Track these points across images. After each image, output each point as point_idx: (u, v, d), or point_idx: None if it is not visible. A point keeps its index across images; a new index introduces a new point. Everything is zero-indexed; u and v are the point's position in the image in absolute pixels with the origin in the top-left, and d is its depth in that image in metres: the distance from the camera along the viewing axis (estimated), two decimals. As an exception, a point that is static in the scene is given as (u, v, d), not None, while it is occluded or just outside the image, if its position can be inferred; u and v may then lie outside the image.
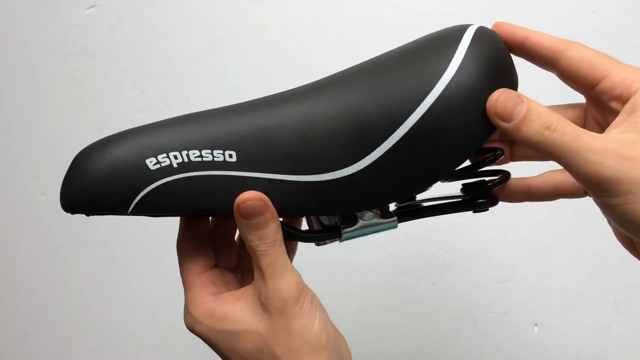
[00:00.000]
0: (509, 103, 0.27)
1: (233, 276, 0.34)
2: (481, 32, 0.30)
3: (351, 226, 0.32)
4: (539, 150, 0.26)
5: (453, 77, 0.28)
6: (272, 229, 0.29)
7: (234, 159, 0.29)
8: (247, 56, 0.60)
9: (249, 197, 0.28)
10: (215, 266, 0.34)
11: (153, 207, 0.29)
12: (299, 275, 0.30)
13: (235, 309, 0.30)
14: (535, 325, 0.58)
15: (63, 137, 0.63)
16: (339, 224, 0.32)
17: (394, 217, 0.32)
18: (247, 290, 0.31)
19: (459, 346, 0.59)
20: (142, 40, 0.62)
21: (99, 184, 0.28)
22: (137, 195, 0.28)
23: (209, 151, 0.29)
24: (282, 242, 0.30)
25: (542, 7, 0.58)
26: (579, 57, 0.29)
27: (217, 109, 0.32)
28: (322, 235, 0.32)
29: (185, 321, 0.32)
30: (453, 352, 0.59)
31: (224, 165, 0.29)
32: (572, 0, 0.57)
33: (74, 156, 0.31)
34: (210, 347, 0.31)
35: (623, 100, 0.27)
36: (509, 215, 0.57)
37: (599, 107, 0.29)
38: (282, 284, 0.29)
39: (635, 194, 0.24)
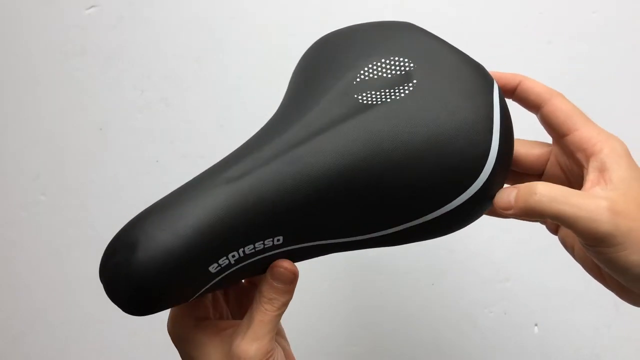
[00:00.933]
0: (505, 194, 0.31)
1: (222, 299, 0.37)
2: (499, 91, 0.32)
3: None
4: (541, 217, 0.30)
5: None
6: (288, 299, 0.32)
7: (281, 241, 0.30)
8: (247, 56, 0.60)
9: (287, 266, 0.32)
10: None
11: (209, 291, 0.31)
12: (275, 349, 0.32)
13: (210, 344, 0.32)
14: (535, 325, 0.58)
15: (63, 137, 0.63)
16: None
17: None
18: (227, 329, 0.33)
19: (459, 346, 0.59)
20: (142, 40, 0.62)
21: (161, 296, 0.29)
22: (197, 293, 0.30)
23: (261, 242, 0.29)
24: (281, 316, 0.32)
25: (542, 7, 0.58)
26: (559, 108, 0.32)
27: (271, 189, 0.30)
28: None
29: (168, 327, 0.35)
30: (453, 352, 0.59)
31: (272, 247, 0.30)
32: (572, 0, 0.57)
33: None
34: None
35: (587, 155, 0.31)
36: (509, 215, 0.57)
37: (565, 153, 0.34)
38: (254, 346, 0.31)
39: (624, 244, 0.28)
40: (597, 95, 0.57)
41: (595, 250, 0.29)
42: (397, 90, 0.30)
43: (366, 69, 0.31)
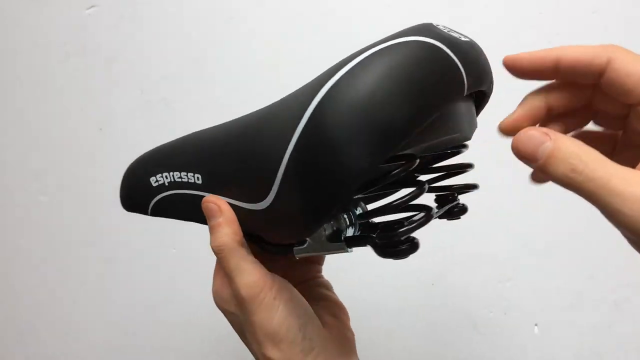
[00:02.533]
0: (532, 142, 0.25)
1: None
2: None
3: (300, 245, 0.33)
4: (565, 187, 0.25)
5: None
6: (227, 233, 0.32)
7: (200, 181, 0.34)
8: (247, 56, 0.60)
9: (208, 199, 0.33)
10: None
11: (162, 213, 0.37)
12: (260, 273, 0.32)
13: (228, 293, 0.33)
14: (535, 325, 0.58)
15: (63, 137, 0.63)
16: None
17: (341, 242, 0.32)
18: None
19: (459, 346, 0.59)
20: (142, 40, 0.62)
21: (129, 194, 0.38)
22: (149, 204, 0.37)
23: (185, 173, 0.35)
24: (242, 246, 0.32)
25: (542, 7, 0.58)
26: (622, 73, 0.26)
27: (201, 132, 0.36)
28: (276, 249, 0.34)
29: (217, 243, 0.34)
30: (453, 352, 0.59)
31: (195, 185, 0.34)
32: (572, 0, 0.57)
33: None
34: None
35: None
36: (510, 215, 0.57)
37: None
38: (240, 284, 0.31)
39: None
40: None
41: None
42: None
43: None
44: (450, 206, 0.35)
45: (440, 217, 0.35)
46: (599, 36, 0.57)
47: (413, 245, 0.31)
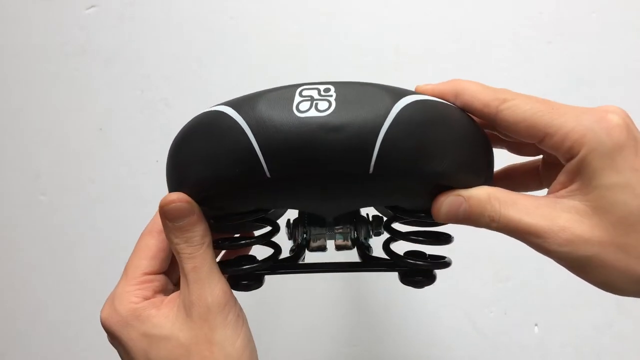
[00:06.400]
0: (452, 207, 0.27)
1: (174, 288, 0.33)
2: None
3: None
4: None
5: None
6: (199, 231, 0.28)
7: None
8: (247, 56, 0.60)
9: (174, 198, 0.28)
10: (165, 273, 0.32)
11: None
12: (227, 284, 0.29)
13: (159, 313, 0.28)
14: (535, 325, 0.58)
15: (63, 137, 0.63)
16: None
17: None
18: (174, 297, 0.30)
19: (459, 346, 0.59)
20: (142, 40, 0.62)
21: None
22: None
23: None
24: (210, 247, 0.29)
25: (542, 7, 0.58)
26: (512, 114, 0.26)
27: None
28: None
29: (102, 314, 0.30)
30: (453, 352, 0.59)
31: None
32: (572, 0, 0.57)
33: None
34: (120, 351, 0.30)
35: (565, 159, 0.25)
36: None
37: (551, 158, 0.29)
38: (206, 290, 0.27)
39: (584, 268, 0.25)
40: (597, 95, 0.57)
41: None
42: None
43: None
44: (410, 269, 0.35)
45: (403, 279, 0.36)
46: (599, 36, 0.57)
47: (431, 278, 0.36)
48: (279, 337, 0.59)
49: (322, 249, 0.35)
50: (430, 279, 0.34)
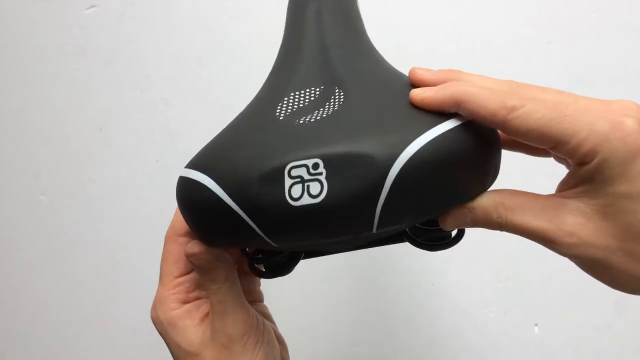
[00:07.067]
0: (458, 220, 0.27)
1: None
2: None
3: None
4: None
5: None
6: (222, 273, 0.30)
7: None
8: (247, 56, 0.60)
9: (196, 252, 0.30)
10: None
11: None
12: (250, 313, 0.31)
13: (192, 329, 0.31)
14: (535, 325, 0.58)
15: (63, 137, 0.63)
16: None
17: None
18: (207, 310, 0.32)
19: (459, 346, 0.59)
20: (142, 40, 0.62)
21: None
22: None
23: None
24: (235, 281, 0.31)
25: (541, 7, 0.58)
26: (521, 124, 0.25)
27: None
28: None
29: (151, 316, 0.33)
30: (453, 352, 0.59)
31: None
32: (572, 0, 0.57)
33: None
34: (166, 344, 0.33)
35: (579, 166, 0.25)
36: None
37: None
38: (229, 322, 0.30)
39: (592, 269, 0.26)
40: (597, 96, 0.57)
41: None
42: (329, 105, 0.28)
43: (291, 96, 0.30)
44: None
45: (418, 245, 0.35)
46: (599, 36, 0.57)
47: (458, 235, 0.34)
48: (279, 337, 0.59)
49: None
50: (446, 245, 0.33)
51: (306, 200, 0.24)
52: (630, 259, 0.24)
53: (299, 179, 0.24)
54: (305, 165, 0.24)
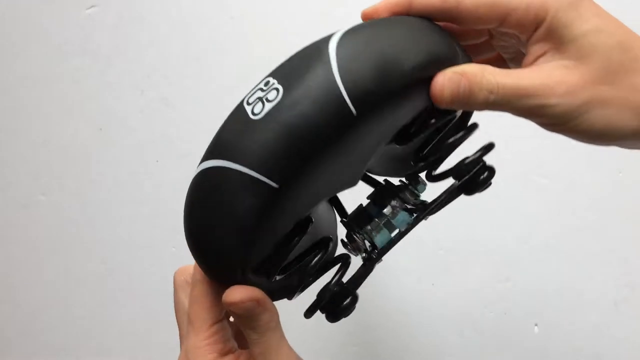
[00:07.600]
0: (452, 84, 0.26)
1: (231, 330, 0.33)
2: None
3: None
4: (494, 110, 0.27)
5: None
6: (265, 319, 0.28)
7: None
8: (247, 56, 0.60)
9: (241, 299, 0.27)
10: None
11: None
12: (293, 356, 0.30)
13: None
14: (535, 325, 0.58)
15: (63, 137, 0.63)
16: None
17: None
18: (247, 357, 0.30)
19: (459, 346, 0.59)
20: (142, 40, 0.62)
21: None
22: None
23: None
24: (277, 326, 0.29)
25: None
26: (474, 2, 0.26)
27: None
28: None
29: None
30: (453, 352, 0.59)
31: None
32: (572, 0, 0.57)
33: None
34: None
35: (529, 34, 0.26)
36: (509, 214, 0.57)
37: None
38: None
39: (583, 115, 0.25)
40: None
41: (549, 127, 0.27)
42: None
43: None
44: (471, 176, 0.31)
45: (465, 192, 0.32)
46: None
47: (490, 171, 0.31)
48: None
49: (392, 242, 0.34)
50: (492, 171, 0.31)
51: (267, 107, 0.25)
52: (617, 88, 0.25)
53: (257, 99, 0.26)
54: (258, 88, 0.26)
